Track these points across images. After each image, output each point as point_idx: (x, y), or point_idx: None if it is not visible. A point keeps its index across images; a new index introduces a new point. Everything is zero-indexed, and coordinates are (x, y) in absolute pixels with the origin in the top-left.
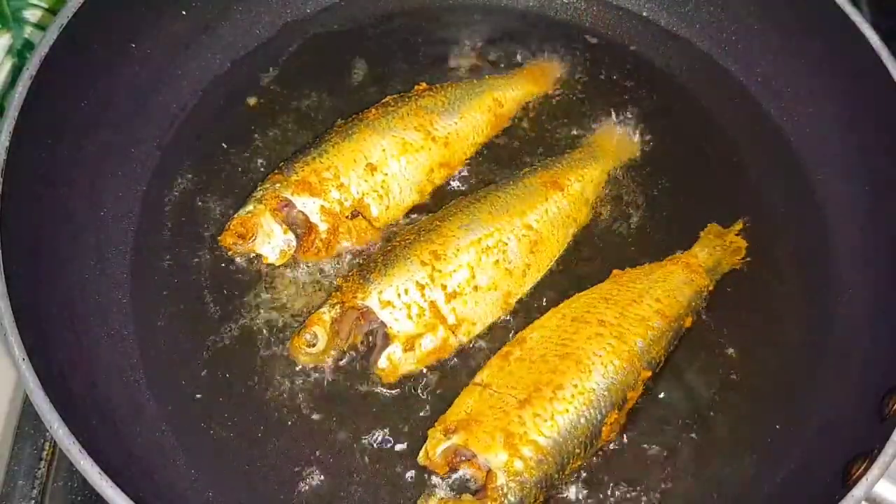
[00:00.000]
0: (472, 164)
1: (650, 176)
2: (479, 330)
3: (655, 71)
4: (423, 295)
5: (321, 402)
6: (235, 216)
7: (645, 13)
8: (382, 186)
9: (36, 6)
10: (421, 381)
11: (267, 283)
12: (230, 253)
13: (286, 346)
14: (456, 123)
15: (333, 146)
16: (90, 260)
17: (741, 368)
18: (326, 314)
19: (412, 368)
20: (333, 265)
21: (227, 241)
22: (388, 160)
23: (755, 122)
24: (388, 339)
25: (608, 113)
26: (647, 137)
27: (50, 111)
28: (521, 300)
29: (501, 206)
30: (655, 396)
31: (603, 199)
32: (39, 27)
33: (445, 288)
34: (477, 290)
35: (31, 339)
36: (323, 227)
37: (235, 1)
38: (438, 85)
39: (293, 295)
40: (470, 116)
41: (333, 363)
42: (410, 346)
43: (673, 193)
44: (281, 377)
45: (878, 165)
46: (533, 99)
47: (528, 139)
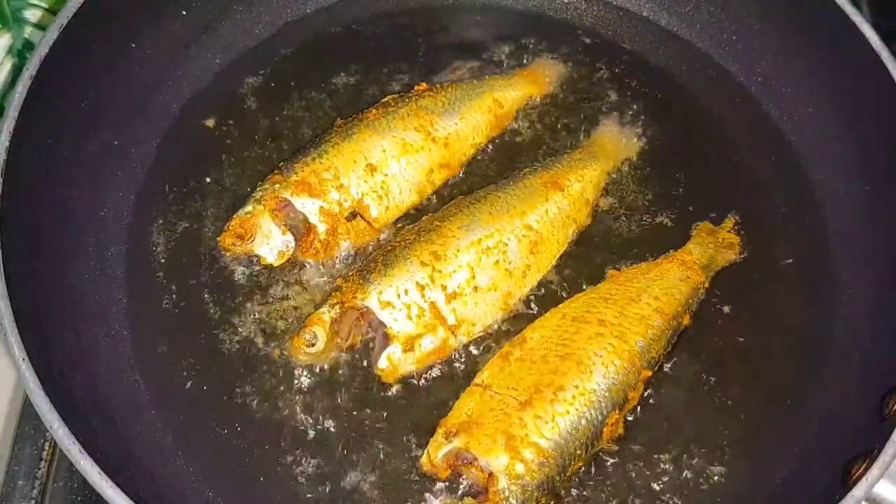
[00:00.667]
0: (472, 164)
1: (650, 176)
2: (478, 330)
3: (655, 71)
4: (422, 295)
5: (321, 402)
6: (235, 216)
7: (645, 13)
8: (382, 187)
9: (36, 6)
10: (422, 381)
11: (267, 283)
12: (229, 253)
13: (286, 346)
14: (456, 124)
15: (333, 146)
16: (90, 260)
17: (741, 368)
18: (326, 314)
19: (412, 369)
20: (333, 265)
21: (225, 241)
22: (387, 161)
23: (755, 122)
24: (387, 339)
25: (608, 113)
26: (646, 137)
27: (50, 111)
28: (520, 300)
29: (502, 206)
30: (655, 397)
31: (603, 199)
32: (39, 27)
33: (445, 288)
34: (477, 290)
35: (31, 339)
36: (322, 227)
37: (235, 1)
38: (438, 85)
39: (293, 295)
40: (470, 117)
41: (334, 364)
42: (410, 346)
43: (673, 194)
44: (281, 377)
45: (878, 165)
46: (533, 99)
47: (528, 140)
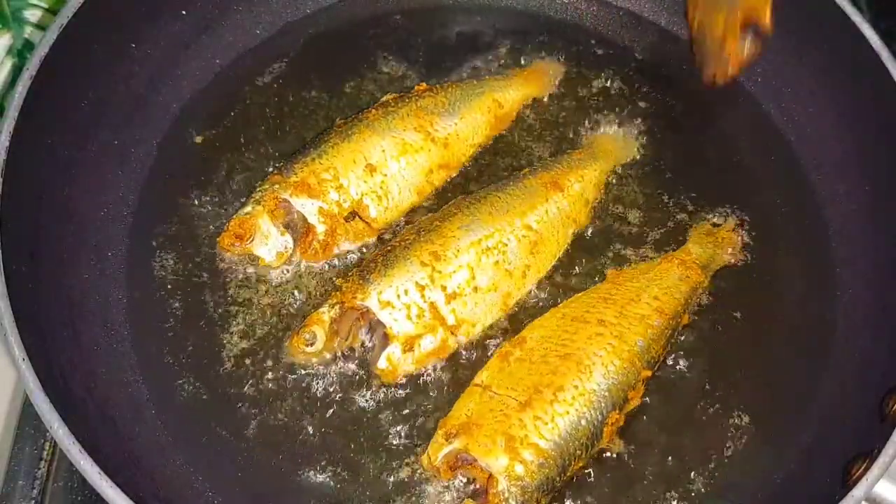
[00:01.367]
0: (472, 164)
1: (650, 176)
2: (478, 331)
3: (655, 71)
4: (422, 296)
5: (322, 402)
6: (234, 217)
7: (645, 13)
8: (381, 187)
9: (36, 6)
10: (421, 381)
11: (266, 283)
12: (228, 254)
13: (285, 345)
14: (456, 124)
15: (333, 147)
16: (90, 260)
17: (740, 368)
18: (326, 314)
19: (411, 369)
20: (333, 266)
21: (225, 241)
22: (387, 161)
23: (755, 122)
24: (387, 339)
25: (608, 114)
26: (646, 138)
27: (50, 111)
28: (520, 300)
29: (502, 206)
30: (654, 397)
31: (603, 199)
32: (39, 27)
33: (445, 289)
34: (477, 290)
35: (31, 339)
36: (321, 228)
37: (235, 1)
38: (438, 85)
39: (292, 295)
40: (470, 117)
41: (334, 364)
42: (410, 346)
43: (672, 194)
44: (281, 377)
45: (878, 165)
46: (533, 100)
47: (527, 140)
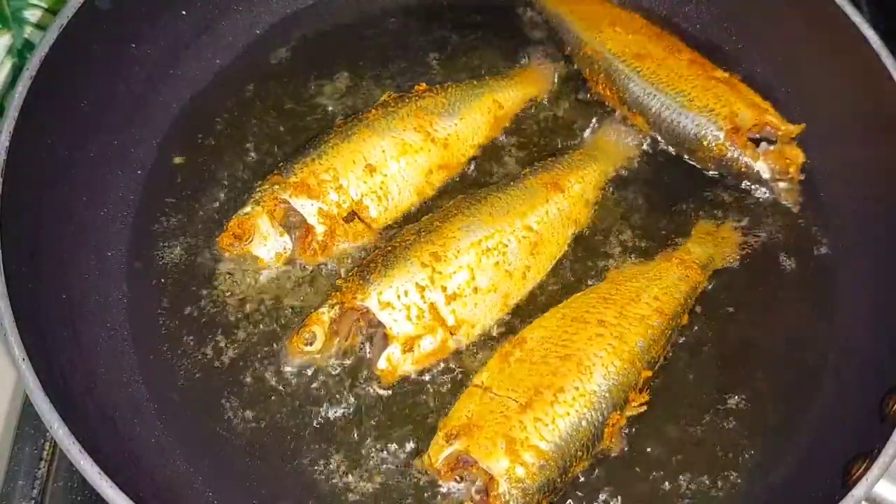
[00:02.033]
0: (471, 164)
1: (650, 177)
2: (478, 332)
3: None
4: (422, 297)
5: (321, 403)
6: (234, 217)
7: (644, 12)
8: (381, 188)
9: (36, 6)
10: (421, 382)
11: (266, 284)
12: (227, 254)
13: (285, 345)
14: (456, 125)
15: (332, 147)
16: (90, 260)
17: (741, 368)
18: (325, 314)
19: (411, 369)
20: (333, 266)
21: (224, 241)
22: (387, 161)
23: None
24: (387, 340)
25: (608, 114)
26: (646, 138)
27: (50, 111)
28: (520, 300)
29: (502, 207)
30: (654, 398)
31: (603, 200)
32: (39, 27)
33: (445, 290)
34: (477, 291)
35: (31, 339)
36: (320, 229)
37: (235, 1)
38: (438, 86)
39: (292, 296)
40: (470, 118)
41: (333, 365)
42: (409, 347)
43: (672, 193)
44: (281, 377)
45: (878, 165)
46: (533, 100)
47: (527, 141)
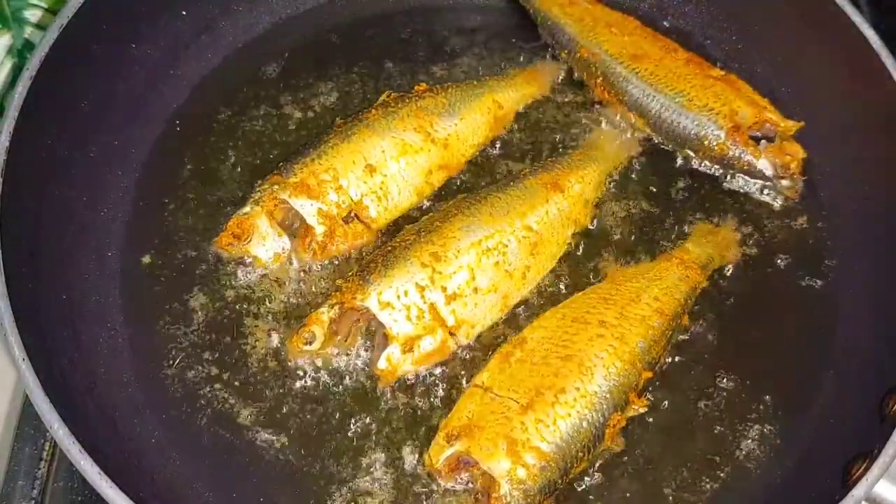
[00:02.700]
0: (471, 164)
1: (649, 176)
2: (478, 332)
3: None
4: (422, 297)
5: (321, 403)
6: (233, 217)
7: (645, 11)
8: (381, 188)
9: (36, 6)
10: (421, 382)
11: (265, 284)
12: (226, 253)
13: (285, 345)
14: (456, 125)
15: (332, 147)
16: (90, 260)
17: (741, 368)
18: (325, 314)
19: (411, 369)
20: (333, 266)
21: (223, 241)
22: (387, 161)
23: None
24: (387, 340)
25: (607, 114)
26: (645, 138)
27: (50, 111)
28: (520, 300)
29: (502, 207)
30: (654, 398)
31: (602, 199)
32: (39, 27)
33: (445, 290)
34: (477, 291)
35: (31, 339)
36: (319, 229)
37: (235, 1)
38: (438, 86)
39: (291, 296)
40: (470, 118)
41: (333, 365)
42: (409, 347)
43: (672, 193)
44: (281, 378)
45: (878, 165)
46: (533, 100)
47: (527, 140)
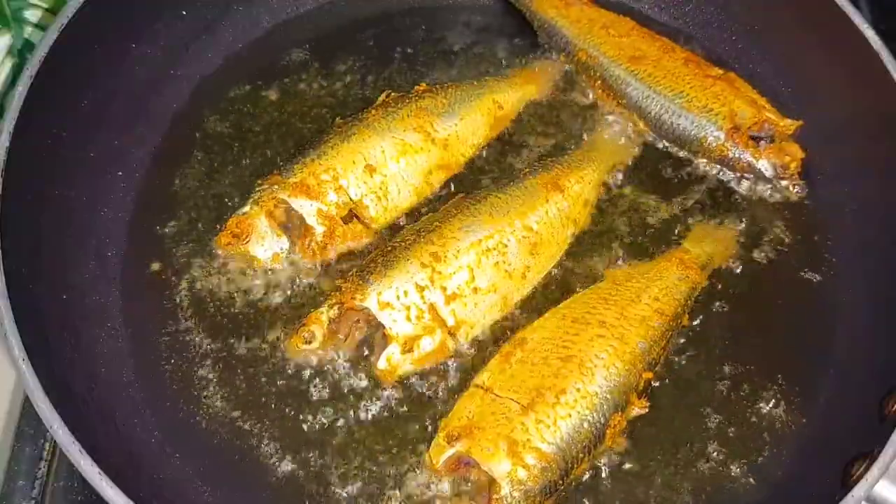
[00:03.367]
0: (471, 164)
1: (648, 177)
2: (477, 332)
3: None
4: (422, 297)
5: (321, 404)
6: (232, 216)
7: (646, 13)
8: (381, 188)
9: (36, 6)
10: (421, 382)
11: (264, 284)
12: (225, 253)
13: (285, 345)
14: (455, 125)
15: (332, 147)
16: (90, 260)
17: (740, 368)
18: (324, 314)
19: (411, 370)
20: (332, 266)
21: (222, 241)
22: (387, 161)
23: None
24: (386, 340)
25: (608, 114)
26: (645, 138)
27: (50, 111)
28: (520, 301)
29: (502, 207)
30: (654, 398)
31: (602, 200)
32: (39, 27)
33: (445, 290)
34: (476, 292)
35: (31, 339)
36: (319, 229)
37: (235, 1)
38: (438, 86)
39: (290, 296)
40: (470, 118)
41: (333, 365)
42: (409, 347)
43: (671, 194)
44: (281, 378)
45: (877, 165)
46: (532, 100)
47: (527, 141)
